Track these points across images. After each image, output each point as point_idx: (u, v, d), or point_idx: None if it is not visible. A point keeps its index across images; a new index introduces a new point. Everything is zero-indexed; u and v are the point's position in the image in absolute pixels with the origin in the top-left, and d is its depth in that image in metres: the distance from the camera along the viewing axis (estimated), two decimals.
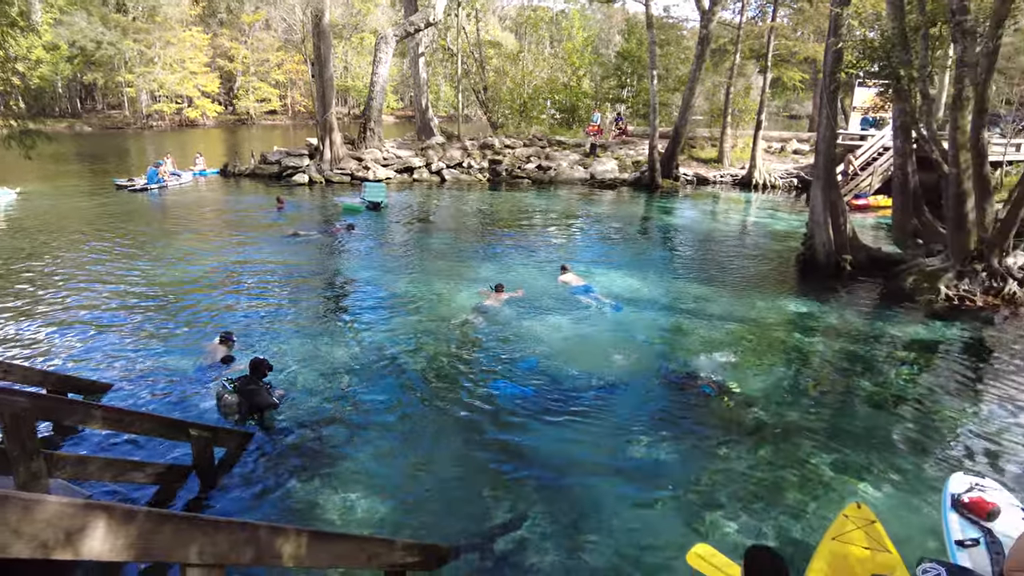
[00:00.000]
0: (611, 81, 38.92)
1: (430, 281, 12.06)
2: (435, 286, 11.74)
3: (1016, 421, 7.30)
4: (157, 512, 2.38)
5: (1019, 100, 22.56)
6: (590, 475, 5.99)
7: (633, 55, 36.02)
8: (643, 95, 33.57)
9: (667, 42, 34.66)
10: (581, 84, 38.14)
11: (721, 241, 16.95)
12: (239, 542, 2.77)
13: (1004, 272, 11.59)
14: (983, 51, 11.07)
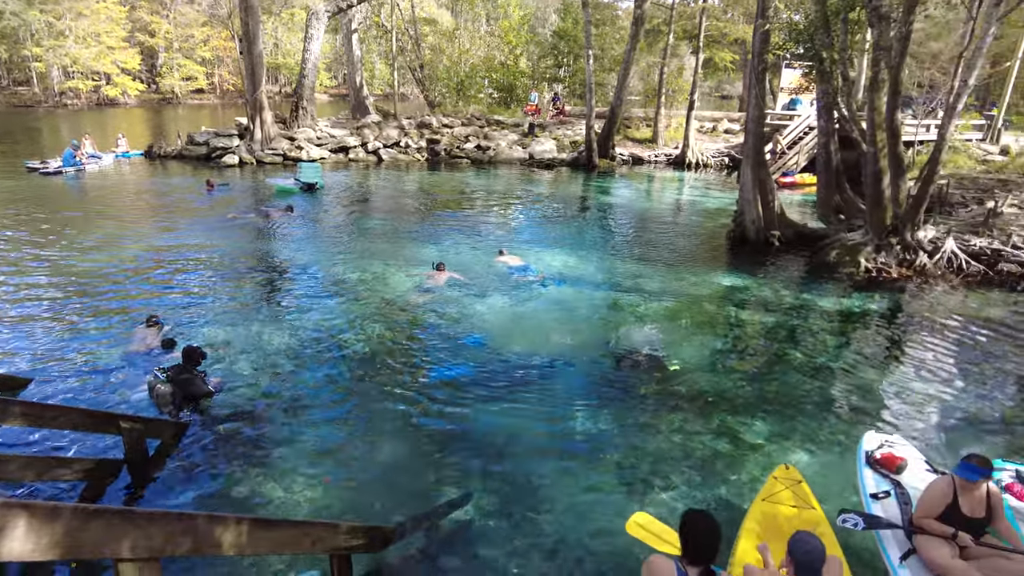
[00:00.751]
0: (548, 60, 38.92)
1: (370, 263, 11.91)
2: (375, 268, 11.60)
3: (923, 383, 7.84)
4: (84, 508, 2.32)
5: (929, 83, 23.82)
6: (533, 451, 6.10)
7: (569, 34, 36.08)
8: (580, 75, 33.73)
9: (602, 22, 34.87)
10: (518, 63, 38.00)
11: (657, 219, 17.34)
12: (175, 533, 2.72)
13: (916, 245, 12.33)
14: (896, 35, 11.63)
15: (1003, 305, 10.75)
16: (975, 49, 11.67)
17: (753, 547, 4.24)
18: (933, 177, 12.25)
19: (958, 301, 10.96)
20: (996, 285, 11.66)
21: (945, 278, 11.91)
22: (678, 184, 23.78)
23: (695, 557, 3.25)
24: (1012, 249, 12.18)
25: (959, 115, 12.82)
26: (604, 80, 33.53)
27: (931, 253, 12.30)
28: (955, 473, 4.21)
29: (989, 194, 15.80)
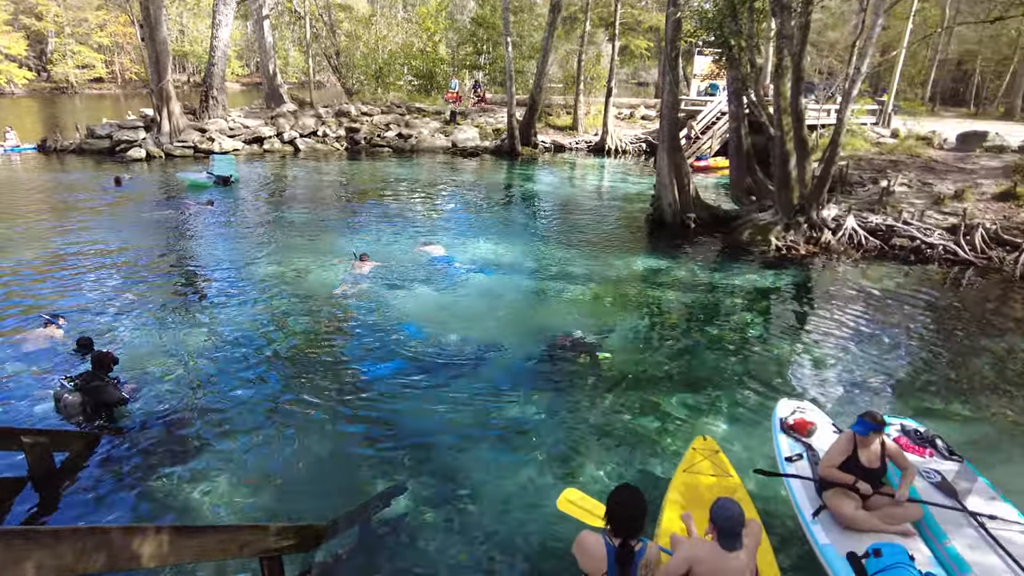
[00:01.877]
0: (468, 48, 38.66)
1: (291, 256, 11.58)
2: (297, 261, 11.29)
3: (830, 351, 8.39)
4: None
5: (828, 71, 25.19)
6: (465, 439, 6.14)
7: (488, 21, 35.93)
8: (500, 62, 33.71)
9: (520, 9, 34.92)
10: (437, 50, 37.59)
11: (580, 205, 17.64)
12: (87, 549, 2.60)
13: (821, 223, 13.09)
14: (797, 25, 12.24)
15: (897, 277, 11.59)
16: (866, 39, 12.43)
17: (677, 517, 4.42)
18: (834, 159, 13.02)
19: (859, 274, 11.73)
20: (890, 258, 12.54)
21: (847, 253, 12.70)
22: (599, 170, 24.23)
23: (621, 530, 3.38)
24: (903, 225, 13.12)
25: (855, 100, 13.64)
26: (524, 67, 33.64)
27: (834, 230, 13.08)
28: (853, 429, 4.58)
29: (883, 174, 16.91)
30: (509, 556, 4.70)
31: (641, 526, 3.40)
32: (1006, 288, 11.34)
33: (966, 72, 44.06)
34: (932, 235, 12.86)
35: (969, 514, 4.54)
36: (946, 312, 10.09)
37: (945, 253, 12.48)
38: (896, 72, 25.53)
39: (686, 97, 26.95)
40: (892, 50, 24.92)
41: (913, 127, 22.97)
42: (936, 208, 14.36)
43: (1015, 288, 11.29)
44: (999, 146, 19.33)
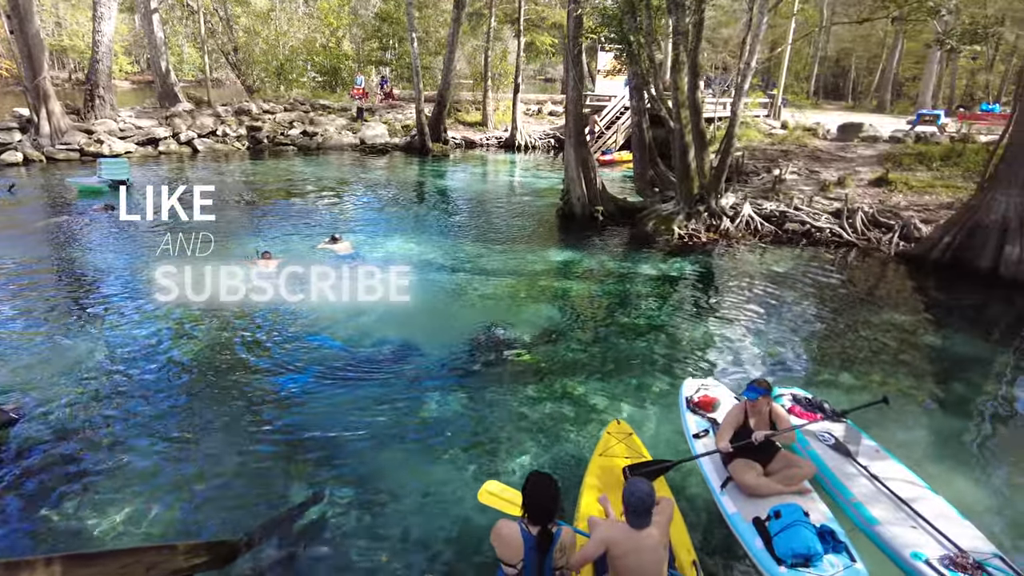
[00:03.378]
0: (373, 43, 37.95)
1: (192, 262, 11.01)
2: (198, 266, 10.75)
3: (731, 330, 8.88)
4: None
5: (723, 66, 26.46)
6: (384, 439, 6.06)
7: (392, 17, 35.39)
8: (406, 58, 33.28)
9: (425, 4, 34.59)
10: (341, 46, 36.70)
11: (492, 200, 17.75)
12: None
13: (720, 211, 13.77)
14: (691, 21, 12.79)
15: (790, 259, 12.38)
16: (753, 36, 13.16)
17: (595, 500, 4.55)
18: (730, 150, 13.73)
19: (756, 258, 12.45)
20: (784, 242, 13.38)
21: (745, 239, 13.44)
22: (510, 166, 24.45)
23: (535, 517, 3.46)
24: (794, 211, 14.01)
25: (747, 94, 14.41)
26: (431, 63, 33.41)
27: (732, 218, 13.79)
28: (744, 396, 4.94)
29: (775, 163, 17.97)
30: (432, 553, 4.69)
31: (555, 512, 3.48)
32: (883, 266, 12.35)
33: (844, 68, 47.50)
34: (820, 219, 13.80)
35: (862, 468, 5.10)
36: (834, 290, 10.88)
37: (831, 236, 13.43)
38: (783, 67, 27.13)
39: (591, 93, 27.60)
40: (779, 47, 26.43)
41: (800, 119, 24.52)
42: (822, 194, 15.42)
43: (891, 266, 12.31)
44: (873, 136, 20.98)
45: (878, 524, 4.58)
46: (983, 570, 4.06)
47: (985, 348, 8.95)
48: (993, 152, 12.43)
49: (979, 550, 4.26)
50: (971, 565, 4.09)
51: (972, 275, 11.31)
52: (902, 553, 4.31)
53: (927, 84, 33.47)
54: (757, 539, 4.32)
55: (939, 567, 4.10)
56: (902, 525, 4.54)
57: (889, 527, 4.53)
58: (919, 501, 4.72)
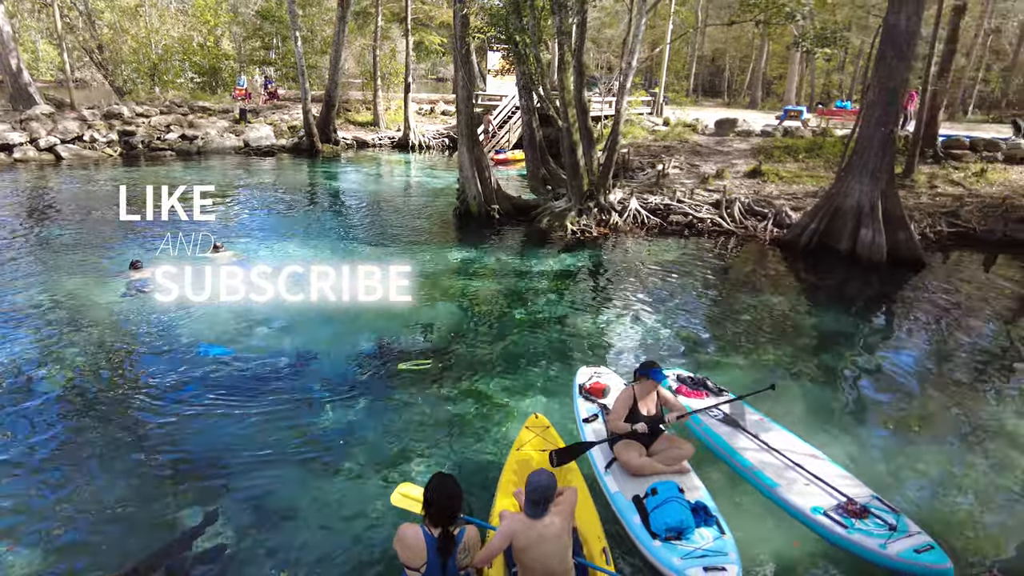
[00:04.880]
0: (254, 42, 36.40)
1: (60, 279, 10.12)
2: (68, 284, 9.90)
3: (623, 319, 9.26)
4: None
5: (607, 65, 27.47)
6: (282, 455, 5.80)
7: (273, 15, 34.08)
8: (291, 57, 32.14)
9: (309, 3, 33.57)
10: (220, 44, 34.92)
11: (388, 201, 17.52)
12: None
13: (609, 207, 14.30)
14: (575, 22, 13.19)
15: (675, 250, 13.05)
16: (634, 36, 13.75)
17: (511, 495, 4.61)
18: (616, 147, 14.28)
19: (644, 250, 13.03)
20: (670, 234, 14.08)
21: (633, 232, 14.03)
22: (404, 166, 24.20)
23: (436, 518, 3.45)
24: (677, 203, 14.78)
25: (630, 92, 15.04)
26: (317, 63, 32.48)
27: (621, 212, 14.36)
28: (633, 382, 5.19)
29: (658, 159, 18.88)
30: (334, 565, 4.56)
31: (456, 512, 3.49)
32: (760, 252, 13.28)
33: (719, 67, 50.56)
34: (701, 211, 14.63)
35: (753, 437, 5.56)
36: (716, 276, 11.58)
37: (712, 225, 14.28)
38: (664, 66, 28.52)
39: (483, 92, 27.80)
40: (658, 46, 27.74)
41: (681, 116, 25.86)
42: (703, 186, 16.36)
43: (766, 251, 13.26)
44: (747, 131, 22.49)
45: (778, 487, 5.03)
46: (868, 512, 4.64)
47: (848, 322, 9.83)
48: (847, 145, 13.65)
49: (862, 496, 4.86)
50: (859, 510, 4.67)
51: (835, 256, 12.40)
52: (803, 509, 4.79)
53: (791, 82, 36.20)
54: (635, 516, 4.57)
55: (836, 516, 4.65)
56: (798, 485, 5.03)
57: (788, 488, 5.01)
58: (808, 461, 5.25)
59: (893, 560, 4.30)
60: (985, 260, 13.26)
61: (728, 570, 4.06)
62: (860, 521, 4.57)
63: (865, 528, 4.51)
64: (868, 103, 12.82)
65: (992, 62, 37.48)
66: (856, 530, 4.50)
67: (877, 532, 4.47)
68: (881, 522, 4.55)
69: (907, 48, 11.81)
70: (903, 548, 4.33)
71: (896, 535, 4.43)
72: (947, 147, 19.04)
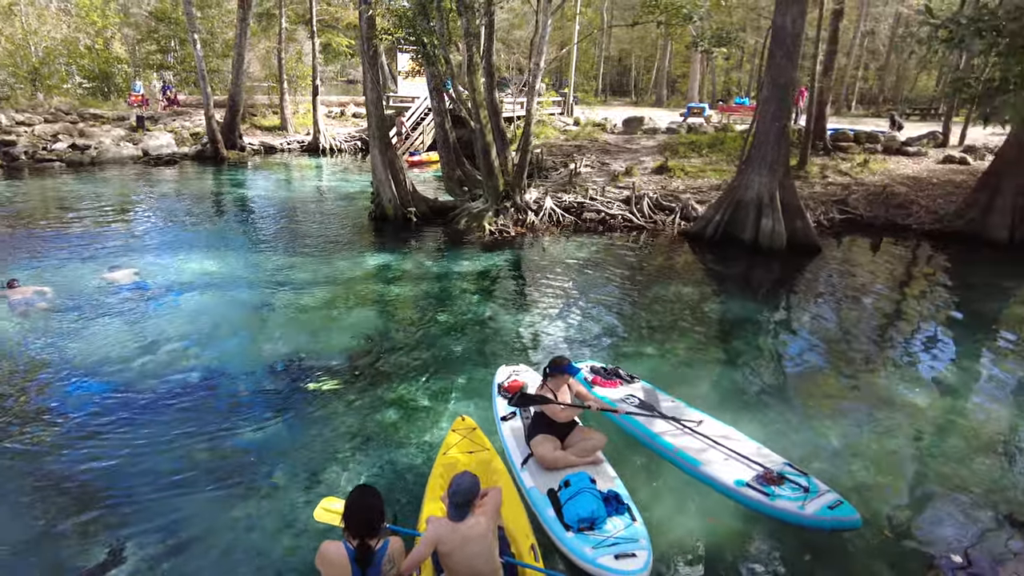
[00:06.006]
0: (149, 45, 34.51)
1: None
2: None
3: (542, 316, 9.43)
4: None
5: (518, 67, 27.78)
6: (197, 479, 5.51)
7: (169, 16, 32.44)
8: (190, 61, 30.68)
9: (207, 4, 32.17)
10: (111, 47, 32.86)
11: (300, 208, 17.05)
12: None
13: (525, 206, 14.49)
14: (482, 23, 13.28)
15: (590, 246, 13.39)
16: (540, 37, 13.98)
17: (438, 500, 4.57)
18: (528, 147, 14.48)
19: (560, 247, 13.28)
20: (584, 231, 14.43)
21: (549, 230, 14.29)
22: (316, 171, 23.63)
23: (356, 531, 3.38)
24: (590, 201, 15.16)
25: (540, 93, 15.29)
26: (220, 66, 31.17)
27: (536, 211, 14.58)
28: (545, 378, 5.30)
29: (570, 158, 19.28)
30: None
31: (376, 523, 3.41)
32: (669, 245, 13.82)
33: (626, 67, 52.14)
34: (613, 207, 15.06)
35: (670, 420, 5.78)
36: (630, 270, 11.96)
37: (624, 221, 14.73)
38: (572, 67, 29.11)
39: (394, 94, 27.54)
40: (566, 47, 28.29)
41: (590, 115, 26.50)
42: (613, 183, 16.84)
43: (675, 244, 13.81)
44: (653, 128, 23.31)
45: (701, 465, 5.28)
46: (784, 478, 4.97)
47: (754, 307, 10.38)
48: (746, 140, 14.41)
49: (775, 464, 5.21)
50: (776, 477, 4.99)
51: (739, 246, 13.07)
52: (727, 483, 5.06)
53: (694, 81, 37.77)
54: (549, 509, 4.66)
55: (757, 486, 4.93)
56: (719, 460, 5.31)
57: (710, 465, 5.26)
58: (724, 438, 5.55)
59: (811, 519, 4.63)
60: (872, 243, 14.33)
61: (638, 556, 4.20)
62: (779, 487, 4.88)
63: (784, 494, 4.82)
64: (763, 100, 13.58)
65: (869, 61, 40.69)
66: (777, 496, 4.80)
67: (794, 496, 4.79)
68: (796, 486, 4.88)
69: (793, 48, 12.58)
70: (818, 507, 4.67)
71: (810, 496, 4.77)
72: (835, 140, 20.46)
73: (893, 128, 22.68)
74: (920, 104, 31.35)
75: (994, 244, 13.62)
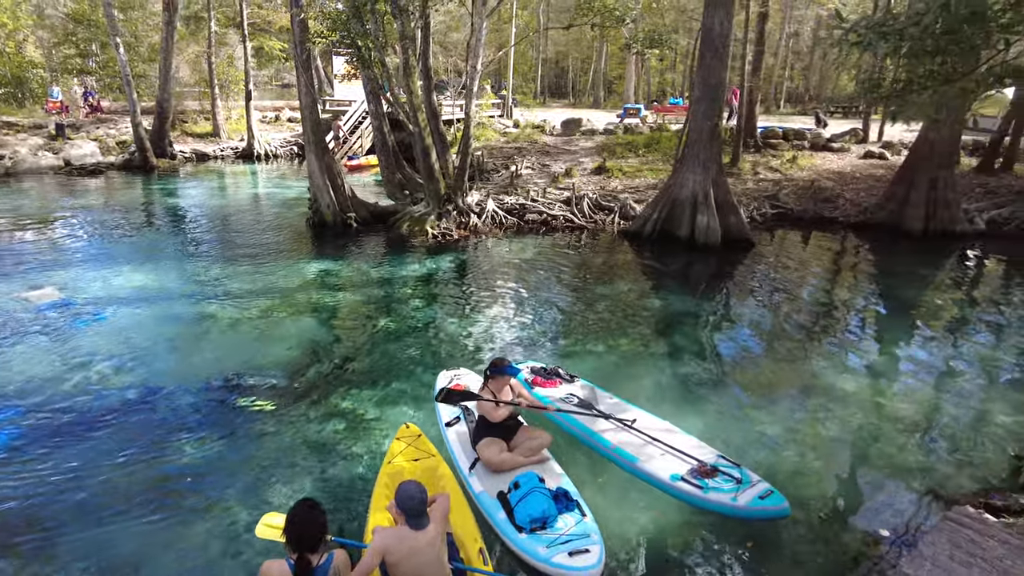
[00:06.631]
0: (68, 49, 32.85)
1: None
2: None
3: (487, 318, 9.44)
4: None
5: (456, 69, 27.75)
6: (132, 507, 5.23)
7: (88, 18, 30.95)
8: (113, 65, 29.41)
9: (130, 6, 30.86)
10: (23, 51, 31.12)
11: (236, 216, 16.57)
12: None
13: (467, 209, 14.50)
14: (418, 26, 13.22)
15: (533, 247, 13.50)
16: (476, 39, 14.01)
17: (384, 510, 4.48)
18: (468, 150, 14.49)
19: (503, 249, 13.35)
20: (527, 232, 14.55)
21: (492, 233, 14.33)
22: (251, 177, 23.03)
23: (297, 547, 3.32)
24: (532, 202, 15.29)
25: (478, 95, 15.32)
26: (146, 72, 29.93)
27: (479, 214, 14.60)
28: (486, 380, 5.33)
29: (511, 160, 19.38)
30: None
31: (316, 537, 3.36)
32: (610, 243, 14.07)
33: (563, 69, 52.74)
34: (554, 208, 15.23)
35: (609, 418, 5.84)
36: (572, 269, 12.10)
37: (565, 222, 14.92)
38: (510, 69, 29.26)
39: (331, 98, 27.11)
40: (503, 49, 28.40)
41: (530, 117, 26.69)
42: (554, 185, 17.02)
43: (615, 243, 14.07)
44: (591, 130, 23.67)
45: (638, 461, 5.34)
46: (717, 470, 5.08)
47: (692, 302, 10.67)
48: (681, 139, 14.79)
49: (709, 456, 5.33)
50: (709, 470, 5.09)
51: (676, 242, 13.41)
52: (663, 478, 5.13)
53: (629, 82, 38.50)
54: (500, 512, 4.68)
55: (691, 479, 5.02)
56: (655, 456, 5.38)
57: (647, 461, 5.33)
58: (661, 433, 5.62)
59: (743, 510, 4.76)
60: (803, 236, 14.94)
61: (591, 551, 4.27)
62: (712, 480, 4.99)
63: (717, 486, 4.93)
64: (695, 99, 13.97)
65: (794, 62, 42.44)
66: (711, 489, 4.91)
67: (727, 488, 4.90)
68: (729, 477, 5.00)
69: (723, 49, 13.00)
70: (750, 498, 4.80)
71: (742, 487, 4.89)
72: (765, 137, 21.23)
73: (818, 125, 23.69)
74: (842, 102, 32.83)
75: (910, 234, 14.43)
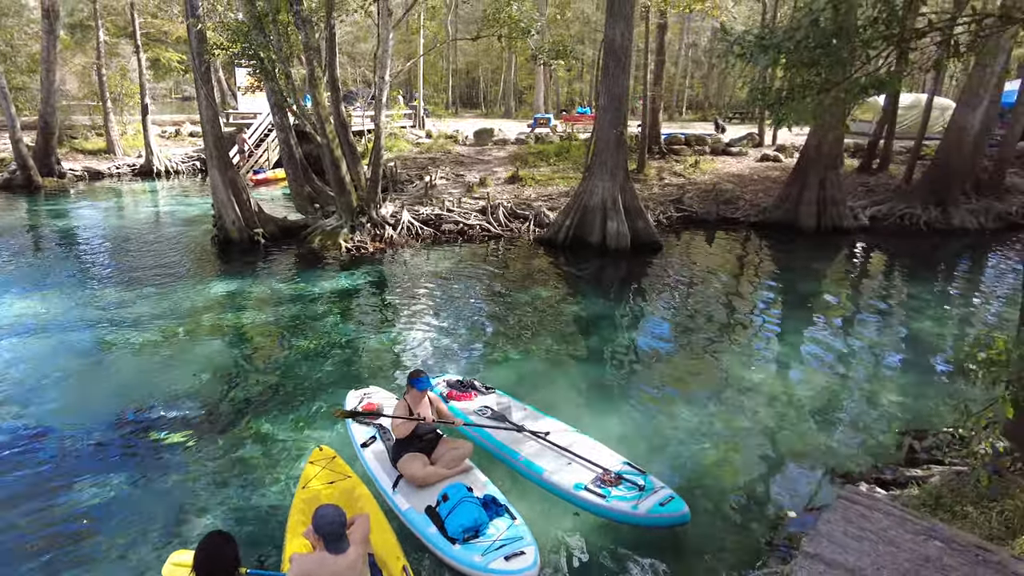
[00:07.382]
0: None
1: None
2: None
3: (407, 332, 9.37)
4: None
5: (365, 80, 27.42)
6: (16, 559, 4.84)
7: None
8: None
9: (4, 13, 28.66)
10: None
11: (134, 238, 15.64)
12: None
13: (382, 221, 14.33)
14: (323, 37, 12.99)
15: (450, 257, 13.52)
16: (383, 50, 13.92)
17: (300, 536, 4.33)
18: (379, 160, 14.35)
19: (421, 260, 13.28)
20: (443, 242, 14.55)
21: (408, 244, 14.23)
22: (151, 195, 21.86)
23: None
24: (447, 212, 15.30)
25: (389, 106, 15.20)
26: (27, 84, 27.84)
27: (394, 225, 14.47)
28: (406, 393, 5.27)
29: (425, 170, 19.32)
30: None
31: (228, 572, 3.27)
32: (526, 252, 14.28)
33: (474, 79, 53.07)
34: (470, 217, 15.30)
35: (520, 429, 5.85)
36: (489, 278, 12.19)
37: (482, 231, 15.02)
38: (420, 80, 29.16)
39: (234, 111, 26.17)
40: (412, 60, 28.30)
41: (442, 128, 26.70)
42: (469, 194, 17.10)
43: (531, 250, 14.29)
44: (503, 139, 23.93)
45: (544, 472, 5.32)
46: (621, 478, 5.10)
47: (606, 306, 10.98)
48: (589, 147, 15.20)
49: (614, 464, 5.35)
50: (613, 478, 5.12)
51: (589, 248, 13.77)
52: (567, 488, 5.12)
53: (539, 92, 39.14)
54: (431, 526, 4.64)
55: (594, 488, 5.01)
56: (562, 466, 5.36)
57: (553, 472, 5.30)
58: (570, 442, 5.62)
59: (643, 517, 4.79)
60: (707, 237, 15.67)
61: (527, 552, 4.31)
62: (615, 488, 5.02)
63: (619, 494, 4.95)
64: (601, 108, 14.40)
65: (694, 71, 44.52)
66: (613, 497, 4.93)
67: (629, 495, 4.93)
68: (632, 484, 5.03)
69: (624, 59, 13.48)
70: (651, 505, 4.84)
71: (644, 494, 4.92)
72: (669, 143, 22.13)
73: (718, 131, 24.96)
74: (739, 108, 34.70)
75: (804, 231, 15.45)
